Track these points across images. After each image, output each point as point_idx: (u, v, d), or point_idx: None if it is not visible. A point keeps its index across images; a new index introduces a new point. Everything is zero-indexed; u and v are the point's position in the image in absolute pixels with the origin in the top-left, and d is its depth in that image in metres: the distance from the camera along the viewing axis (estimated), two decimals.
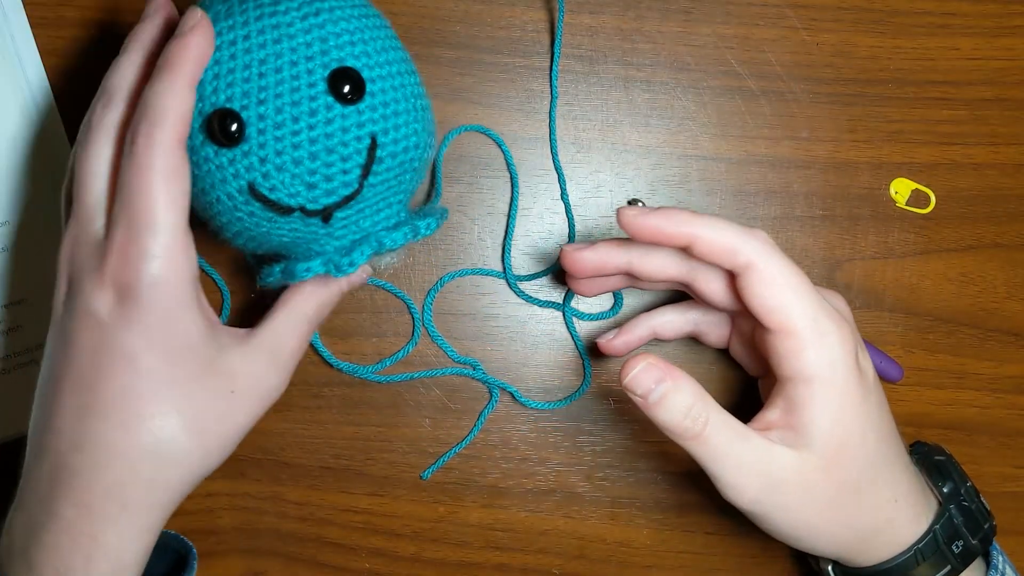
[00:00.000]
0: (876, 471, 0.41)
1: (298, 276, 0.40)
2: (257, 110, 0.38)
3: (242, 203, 0.39)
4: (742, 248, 0.40)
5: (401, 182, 0.41)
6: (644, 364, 0.39)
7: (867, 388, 0.41)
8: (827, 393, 0.40)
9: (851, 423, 0.40)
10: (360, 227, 0.41)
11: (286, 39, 0.38)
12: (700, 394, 0.40)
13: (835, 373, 0.40)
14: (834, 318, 0.40)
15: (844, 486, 0.41)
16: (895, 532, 0.42)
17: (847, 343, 0.40)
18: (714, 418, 0.40)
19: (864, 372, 0.41)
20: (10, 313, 0.47)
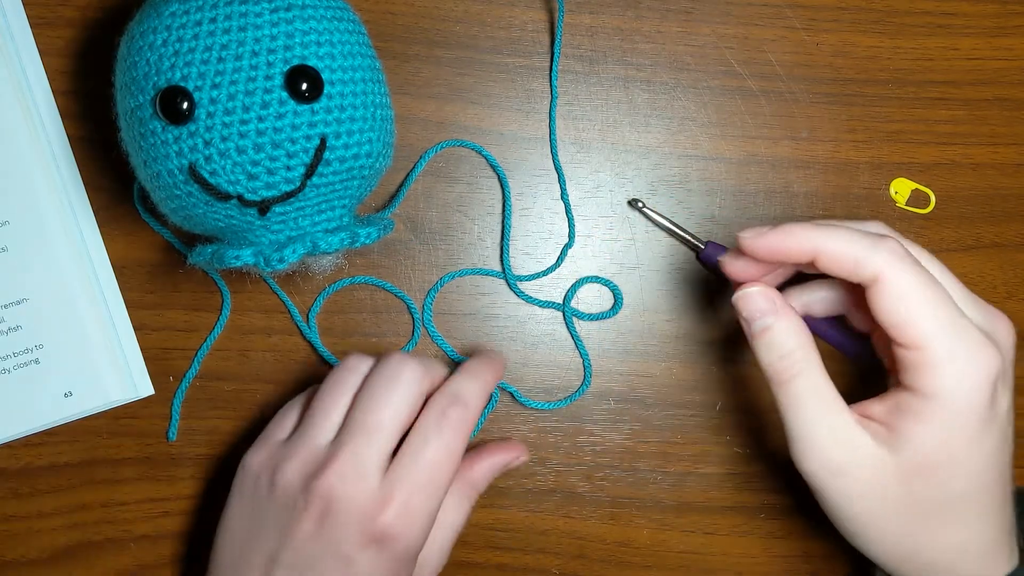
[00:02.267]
0: (956, 510, 0.39)
1: (227, 262, 0.40)
2: (210, 93, 0.38)
3: (181, 182, 0.39)
4: (868, 261, 0.38)
5: (347, 187, 0.41)
6: (760, 289, 0.40)
7: (990, 422, 0.38)
8: (942, 416, 0.38)
9: (956, 451, 0.38)
10: (298, 225, 0.41)
11: (252, 28, 0.39)
12: (804, 344, 0.39)
13: (957, 399, 0.37)
14: (971, 340, 0.38)
15: (916, 507, 0.39)
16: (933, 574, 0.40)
17: (981, 370, 0.37)
18: (809, 373, 0.39)
19: (995, 405, 0.38)
20: (10, 313, 0.47)
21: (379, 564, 0.40)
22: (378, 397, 0.41)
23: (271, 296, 0.49)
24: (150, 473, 0.49)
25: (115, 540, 0.49)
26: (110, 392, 0.48)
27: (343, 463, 0.40)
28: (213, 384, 0.49)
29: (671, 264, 0.50)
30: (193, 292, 0.49)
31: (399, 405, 0.41)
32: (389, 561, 0.40)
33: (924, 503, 0.39)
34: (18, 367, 0.48)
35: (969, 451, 0.38)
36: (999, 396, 0.38)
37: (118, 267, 0.49)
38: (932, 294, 0.38)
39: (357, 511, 0.40)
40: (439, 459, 0.41)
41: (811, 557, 0.51)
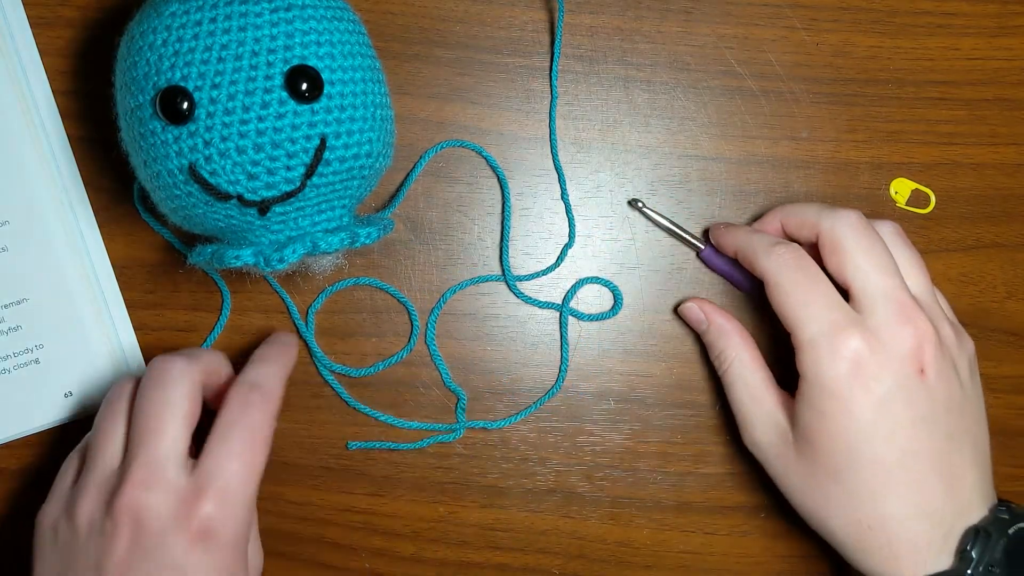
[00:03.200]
0: (852, 482, 0.41)
1: (227, 262, 0.40)
2: (210, 93, 0.38)
3: (181, 182, 0.39)
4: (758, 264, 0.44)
5: (347, 187, 0.41)
6: (693, 304, 0.49)
7: (859, 403, 0.41)
8: (809, 394, 0.42)
9: (825, 428, 0.42)
10: (298, 225, 0.41)
11: (252, 28, 0.39)
12: (733, 344, 0.47)
13: (817, 380, 0.42)
14: (833, 330, 0.41)
15: (814, 481, 0.43)
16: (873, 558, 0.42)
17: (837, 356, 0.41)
18: (736, 366, 0.46)
19: (864, 389, 0.41)
20: (10, 313, 0.47)
21: (210, 562, 0.38)
22: (153, 400, 0.40)
23: (271, 296, 0.49)
24: None
25: None
26: None
27: (139, 473, 0.39)
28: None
29: (671, 264, 0.50)
30: (193, 292, 0.49)
31: (176, 400, 0.40)
32: (219, 556, 0.39)
33: (818, 476, 0.42)
34: (18, 367, 0.48)
35: (837, 421, 0.41)
36: (865, 377, 0.41)
37: (118, 267, 0.49)
38: (803, 289, 0.43)
39: (169, 513, 0.38)
40: (246, 442, 0.40)
41: (811, 557, 0.51)
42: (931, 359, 0.42)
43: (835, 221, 0.43)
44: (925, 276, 0.45)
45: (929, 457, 0.41)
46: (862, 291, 0.42)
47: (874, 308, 0.42)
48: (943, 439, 0.42)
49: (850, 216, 0.43)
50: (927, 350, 0.42)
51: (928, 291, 0.45)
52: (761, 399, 0.45)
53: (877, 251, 0.43)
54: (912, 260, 0.45)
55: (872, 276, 0.42)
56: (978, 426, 0.44)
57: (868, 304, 0.42)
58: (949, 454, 0.42)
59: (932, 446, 0.41)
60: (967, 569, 0.40)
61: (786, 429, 0.44)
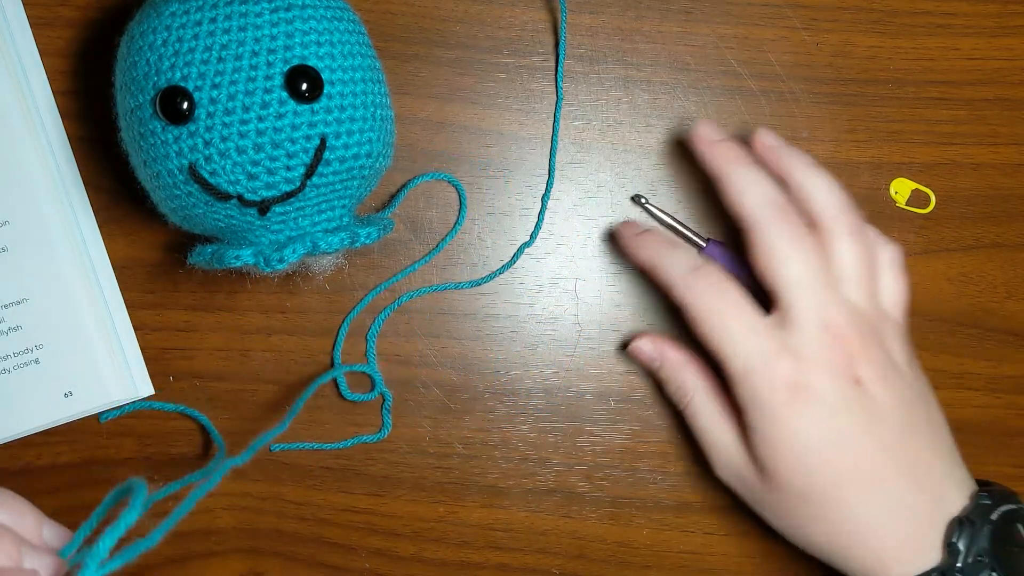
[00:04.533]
0: (820, 501, 0.41)
1: (227, 262, 0.40)
2: (210, 93, 0.38)
3: (181, 182, 0.39)
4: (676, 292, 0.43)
5: (347, 187, 0.41)
6: (644, 341, 0.47)
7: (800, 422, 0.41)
8: (751, 421, 0.42)
9: (774, 452, 0.42)
10: (298, 225, 0.41)
11: (252, 28, 0.39)
12: (688, 378, 0.45)
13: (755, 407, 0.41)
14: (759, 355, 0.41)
15: (785, 504, 0.42)
16: (861, 566, 0.42)
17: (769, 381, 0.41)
18: (696, 400, 0.45)
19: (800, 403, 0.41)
20: (10, 313, 0.47)
21: None
22: None
23: (271, 296, 0.49)
24: (150, 473, 0.49)
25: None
26: (110, 392, 0.48)
27: None
28: (213, 384, 0.49)
29: None
30: (193, 292, 0.49)
31: None
32: None
33: (787, 501, 0.42)
34: (18, 367, 0.48)
35: (788, 448, 0.41)
36: (804, 398, 0.41)
37: (118, 267, 0.49)
38: (725, 318, 0.42)
39: None
40: None
41: (811, 557, 0.51)
42: (864, 368, 0.41)
43: (769, 225, 0.42)
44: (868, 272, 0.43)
45: (887, 459, 0.41)
46: (786, 308, 0.42)
47: (799, 324, 0.41)
48: (897, 438, 0.42)
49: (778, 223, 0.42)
50: (858, 361, 0.41)
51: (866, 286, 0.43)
52: (722, 432, 0.44)
53: (803, 256, 0.42)
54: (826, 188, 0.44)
55: (793, 291, 0.42)
56: (930, 412, 0.44)
57: (792, 320, 0.41)
58: (908, 450, 0.42)
59: (887, 448, 0.41)
60: (956, 562, 0.40)
61: (748, 460, 0.43)
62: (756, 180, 0.43)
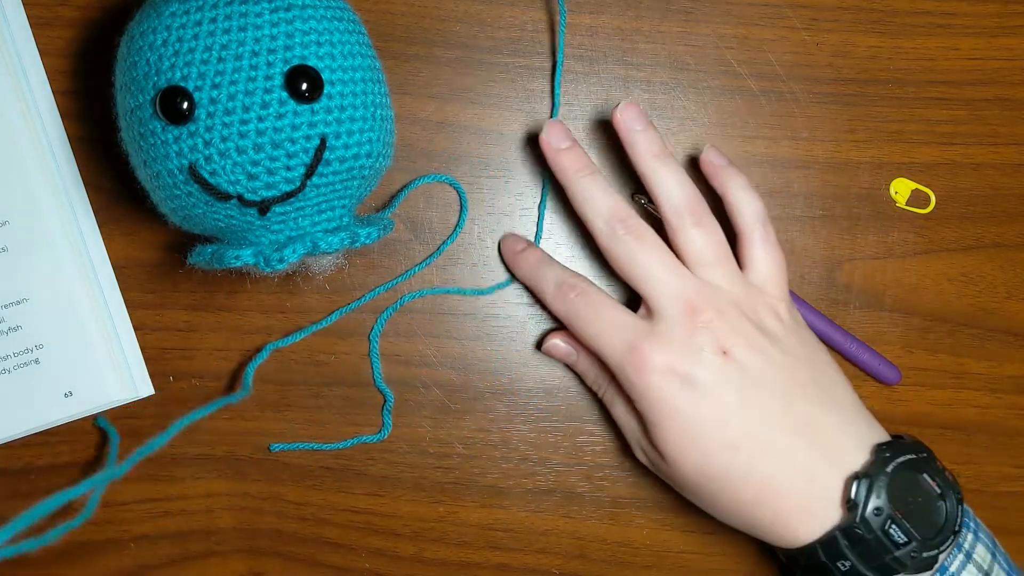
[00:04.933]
0: (717, 475, 0.43)
1: (227, 262, 0.40)
2: (210, 93, 0.38)
3: (181, 182, 0.39)
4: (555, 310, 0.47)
5: (347, 187, 0.41)
6: (558, 340, 0.48)
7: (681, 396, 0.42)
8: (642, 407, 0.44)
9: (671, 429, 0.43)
10: (298, 225, 0.41)
11: (252, 28, 0.39)
12: (598, 371, 0.47)
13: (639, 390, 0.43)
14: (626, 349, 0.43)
15: (689, 482, 0.44)
16: (771, 533, 0.43)
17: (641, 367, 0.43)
18: (610, 391, 0.47)
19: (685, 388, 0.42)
20: (10, 313, 0.47)
21: None
22: None
23: (271, 296, 0.49)
24: (150, 473, 0.49)
25: (115, 540, 0.49)
26: (110, 392, 0.48)
27: None
28: (213, 384, 0.49)
29: None
30: (193, 292, 0.49)
31: None
32: None
33: (691, 479, 0.43)
34: (18, 367, 0.48)
35: (677, 427, 0.43)
36: (679, 380, 0.42)
37: (118, 267, 0.49)
38: (596, 322, 0.44)
39: None
40: None
41: None
42: (728, 340, 0.43)
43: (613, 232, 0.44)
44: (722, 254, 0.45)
45: (772, 423, 0.42)
46: (647, 297, 0.44)
47: (661, 312, 0.43)
48: (779, 402, 0.42)
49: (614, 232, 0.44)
50: (721, 334, 0.42)
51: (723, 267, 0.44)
52: (630, 420, 0.46)
53: (652, 253, 0.44)
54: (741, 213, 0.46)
55: (650, 282, 0.44)
56: (816, 371, 0.44)
57: (655, 307, 0.44)
58: (794, 412, 0.42)
59: (770, 412, 0.42)
60: (855, 518, 0.40)
61: (650, 445, 0.45)
62: (596, 191, 0.45)
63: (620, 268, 0.44)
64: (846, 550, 0.41)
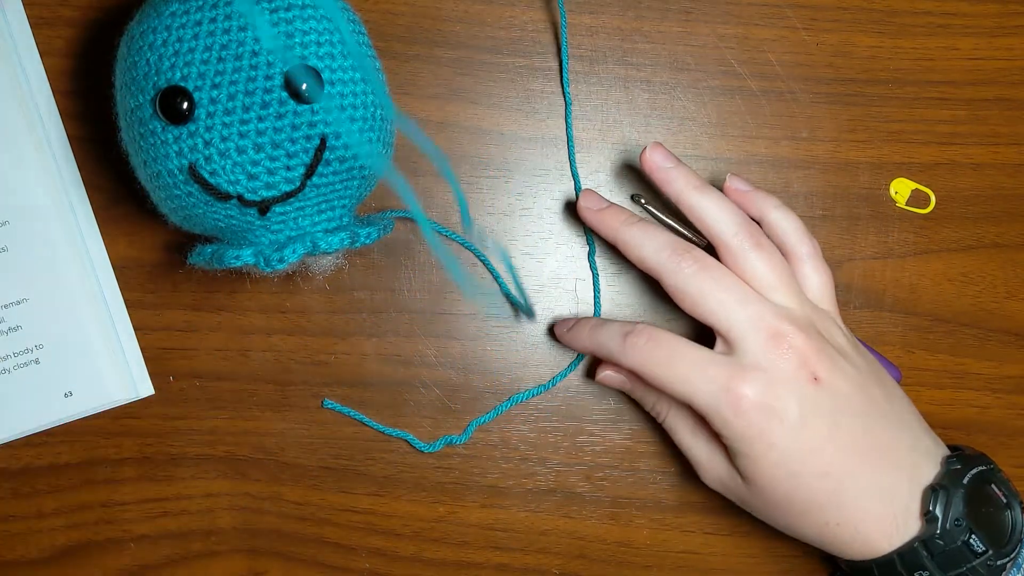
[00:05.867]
0: (806, 502, 0.42)
1: (227, 262, 0.40)
2: (210, 93, 0.38)
3: (181, 182, 0.39)
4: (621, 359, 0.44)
5: (347, 187, 0.41)
6: (609, 372, 0.48)
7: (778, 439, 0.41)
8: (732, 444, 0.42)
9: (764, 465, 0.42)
10: (298, 225, 0.41)
11: (252, 28, 0.38)
12: (656, 398, 0.47)
13: (733, 432, 0.42)
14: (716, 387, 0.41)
15: (773, 509, 0.43)
16: (850, 548, 0.43)
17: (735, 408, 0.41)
18: (672, 415, 0.46)
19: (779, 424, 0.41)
20: (10, 313, 0.47)
21: None
22: None
23: (271, 296, 0.50)
24: (150, 473, 0.49)
25: (115, 540, 0.49)
26: (110, 392, 0.48)
27: None
28: (213, 384, 0.49)
29: None
30: (193, 292, 0.49)
31: None
32: None
33: (774, 503, 0.43)
34: (18, 367, 0.48)
35: (769, 463, 0.42)
36: (773, 414, 0.41)
37: (118, 267, 0.49)
38: (672, 365, 0.42)
39: None
40: None
41: (811, 557, 0.51)
42: (817, 363, 0.42)
43: (675, 267, 0.43)
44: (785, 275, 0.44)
45: (858, 446, 0.42)
46: (725, 332, 0.42)
47: (744, 344, 0.42)
48: (863, 423, 0.42)
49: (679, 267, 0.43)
50: (811, 361, 0.42)
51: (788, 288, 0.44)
52: (701, 444, 0.45)
53: (723, 283, 0.43)
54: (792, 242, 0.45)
55: (727, 315, 0.42)
56: (884, 388, 0.44)
57: (735, 339, 0.42)
58: (874, 432, 0.42)
59: (856, 436, 0.42)
60: (935, 530, 0.41)
61: (731, 471, 0.44)
62: (646, 233, 0.44)
63: (691, 303, 0.43)
64: (925, 560, 0.41)
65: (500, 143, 0.50)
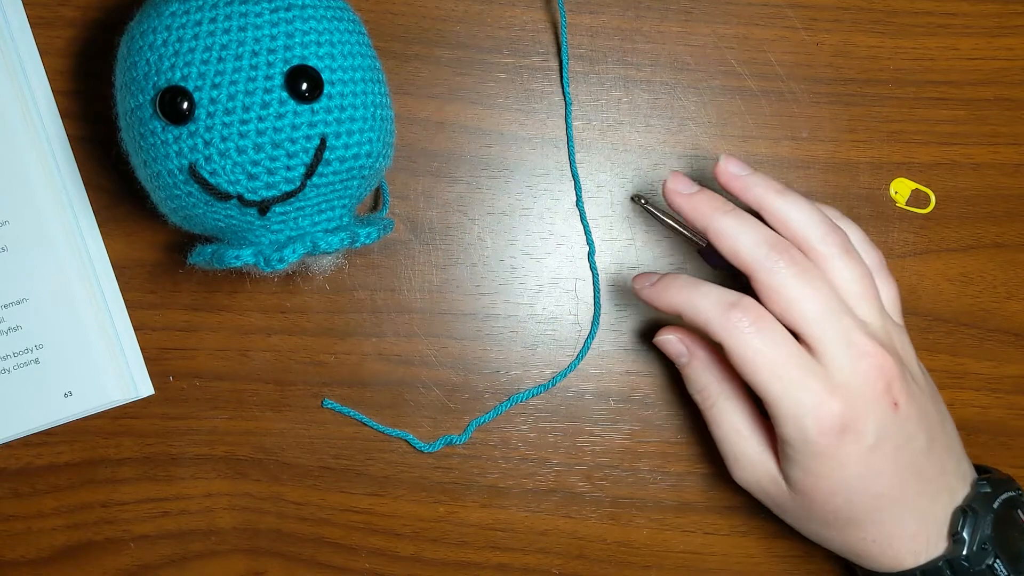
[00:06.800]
0: (850, 519, 0.42)
1: (227, 262, 0.40)
2: (210, 93, 0.38)
3: (181, 182, 0.39)
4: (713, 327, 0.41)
5: (347, 187, 0.41)
6: (674, 336, 0.45)
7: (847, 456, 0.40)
8: (795, 457, 0.41)
9: (818, 482, 0.41)
10: (298, 225, 0.41)
11: (252, 28, 0.39)
12: (716, 379, 0.44)
13: (804, 446, 0.40)
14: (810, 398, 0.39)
15: (812, 520, 0.43)
16: (877, 561, 0.43)
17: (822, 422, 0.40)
18: (721, 404, 0.44)
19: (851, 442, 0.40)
20: (10, 313, 0.47)
21: None
22: None
23: (271, 296, 0.50)
24: (150, 473, 0.49)
25: (115, 540, 0.49)
26: (110, 392, 0.48)
27: None
28: (213, 384, 0.49)
29: (671, 264, 0.50)
30: (193, 292, 0.49)
31: None
32: None
33: (815, 516, 0.43)
34: (18, 367, 0.48)
35: (831, 480, 0.41)
36: (852, 436, 0.40)
37: (118, 267, 0.49)
38: (772, 358, 0.40)
39: None
40: None
41: (811, 557, 0.51)
42: (900, 389, 0.41)
43: (775, 266, 0.40)
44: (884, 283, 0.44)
45: (915, 471, 0.42)
46: (816, 343, 0.40)
47: (835, 360, 0.40)
48: (922, 450, 0.42)
49: (794, 258, 0.41)
50: (895, 384, 0.41)
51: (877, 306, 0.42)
52: (748, 440, 0.43)
53: (823, 293, 0.41)
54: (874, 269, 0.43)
55: (826, 323, 0.40)
56: (941, 414, 0.44)
57: (825, 354, 0.40)
58: (929, 459, 0.42)
59: (915, 463, 0.42)
60: (962, 551, 0.41)
61: (776, 474, 0.43)
62: (744, 225, 0.41)
63: (783, 306, 0.40)
64: None
65: (500, 143, 0.50)
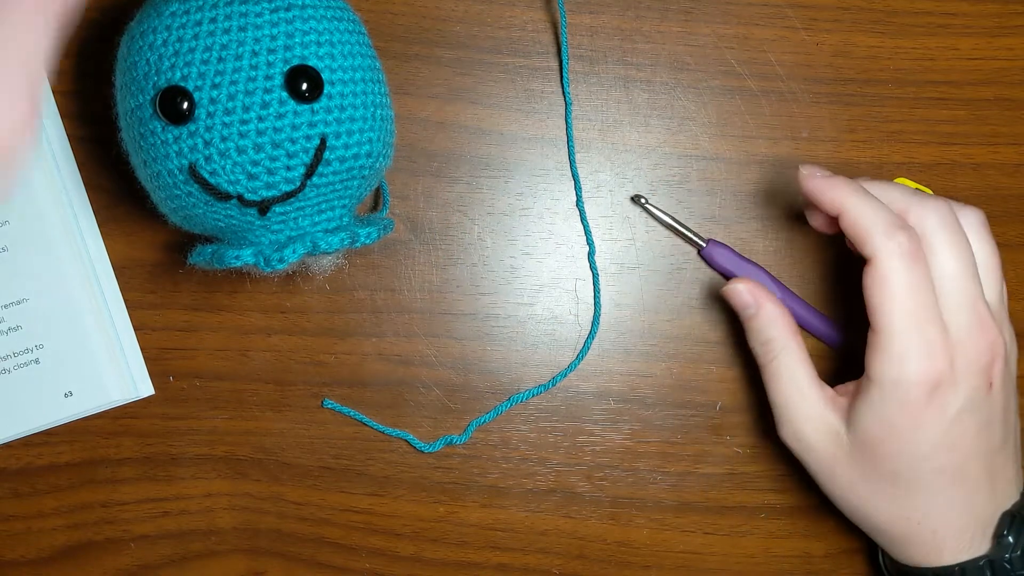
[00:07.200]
0: (908, 487, 0.41)
1: (227, 262, 0.40)
2: (210, 93, 0.38)
3: (181, 182, 0.39)
4: (872, 241, 0.40)
5: (347, 187, 0.41)
6: (744, 286, 0.44)
7: (928, 417, 0.40)
8: (880, 400, 0.41)
9: (891, 435, 0.41)
10: (298, 225, 0.41)
11: (252, 28, 0.39)
12: (783, 332, 0.44)
13: (894, 389, 0.40)
14: (927, 346, 0.39)
15: (864, 482, 0.42)
16: (916, 549, 0.42)
17: (922, 373, 0.39)
18: (785, 357, 0.43)
19: (936, 404, 0.40)
20: (10, 313, 0.47)
21: None
22: None
23: (271, 296, 0.50)
24: (150, 473, 0.49)
25: (115, 540, 0.49)
26: (110, 392, 0.48)
27: None
28: (213, 384, 0.49)
29: (671, 264, 0.50)
30: (193, 292, 0.49)
31: None
32: None
33: (871, 479, 0.42)
34: (18, 367, 0.48)
35: (905, 437, 0.41)
36: (942, 398, 0.40)
37: (118, 267, 0.49)
38: (913, 293, 0.40)
39: None
40: None
41: (811, 557, 0.51)
42: (999, 372, 0.41)
43: (924, 213, 0.41)
44: (999, 275, 0.43)
45: (983, 460, 0.42)
46: (948, 296, 0.40)
47: (957, 317, 0.40)
48: (998, 442, 0.42)
49: (940, 209, 0.41)
50: (998, 365, 0.41)
51: (999, 292, 0.43)
52: (809, 395, 0.43)
53: (965, 255, 0.41)
54: (990, 258, 0.43)
55: (959, 282, 0.41)
56: (1016, 420, 0.44)
57: (951, 309, 0.40)
58: (997, 454, 0.42)
59: (988, 449, 0.42)
60: (1004, 554, 0.41)
61: (838, 430, 0.42)
62: (876, 208, 0.41)
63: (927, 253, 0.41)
64: None
65: (500, 143, 0.50)
